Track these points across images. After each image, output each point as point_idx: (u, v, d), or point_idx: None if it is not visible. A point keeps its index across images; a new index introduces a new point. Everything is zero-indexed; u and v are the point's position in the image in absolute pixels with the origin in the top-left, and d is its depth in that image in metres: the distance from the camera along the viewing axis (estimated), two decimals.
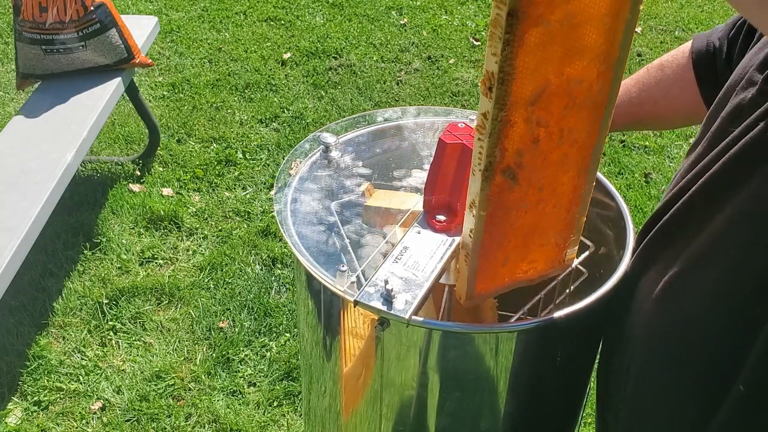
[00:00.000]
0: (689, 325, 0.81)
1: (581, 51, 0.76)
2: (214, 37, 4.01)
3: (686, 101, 1.03)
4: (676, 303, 0.83)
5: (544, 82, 0.76)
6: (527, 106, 0.76)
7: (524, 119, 0.76)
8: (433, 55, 3.88)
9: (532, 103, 0.76)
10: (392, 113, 1.32)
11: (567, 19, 0.73)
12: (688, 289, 0.82)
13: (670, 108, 1.11)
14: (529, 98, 0.76)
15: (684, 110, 1.02)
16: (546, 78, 0.76)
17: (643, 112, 1.14)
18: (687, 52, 1.09)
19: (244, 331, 2.33)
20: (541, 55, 0.73)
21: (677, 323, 0.83)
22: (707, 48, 1.05)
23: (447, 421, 1.02)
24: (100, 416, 2.10)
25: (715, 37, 1.05)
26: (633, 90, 1.15)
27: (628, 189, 3.01)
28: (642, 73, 1.16)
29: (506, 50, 0.71)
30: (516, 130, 0.77)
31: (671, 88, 1.10)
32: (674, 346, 0.83)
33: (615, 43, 0.78)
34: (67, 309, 2.39)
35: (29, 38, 2.53)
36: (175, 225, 2.74)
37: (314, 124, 3.32)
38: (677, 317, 0.83)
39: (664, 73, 1.11)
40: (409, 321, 0.85)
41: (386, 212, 1.11)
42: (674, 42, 4.05)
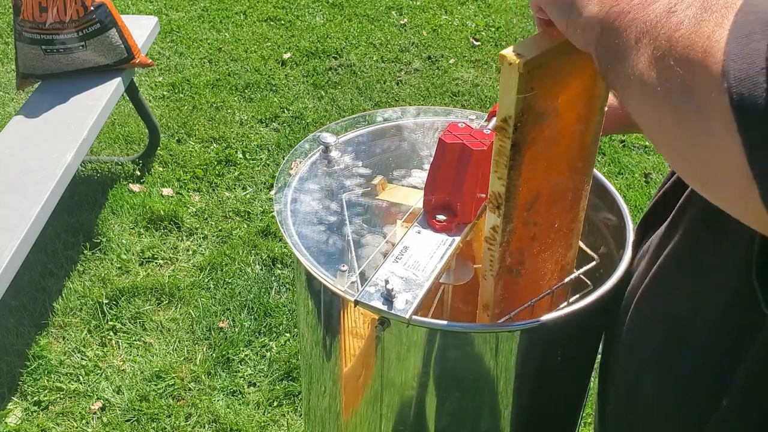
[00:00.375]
0: (680, 325, 0.81)
1: (560, 157, 0.89)
2: (214, 37, 4.01)
3: None
4: (665, 302, 0.83)
5: (536, 191, 0.88)
6: (524, 212, 0.89)
7: (523, 223, 0.89)
8: (433, 55, 3.88)
9: (528, 209, 0.89)
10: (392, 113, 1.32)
11: (551, 136, 0.84)
12: (674, 289, 0.82)
13: None
14: (525, 206, 0.88)
15: None
16: (537, 187, 0.88)
17: None
18: None
19: (244, 331, 2.33)
20: (532, 168, 0.84)
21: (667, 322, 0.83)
22: None
23: (447, 421, 1.02)
24: (100, 416, 2.10)
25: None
26: None
27: (628, 189, 3.01)
28: None
29: (511, 174, 0.82)
30: (517, 234, 0.89)
31: None
32: (669, 344, 0.83)
33: (586, 142, 0.91)
34: (67, 309, 2.39)
35: (29, 38, 2.53)
36: (175, 225, 2.74)
37: (314, 124, 3.32)
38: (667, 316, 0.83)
39: None
40: (410, 321, 0.85)
41: (395, 208, 1.12)
42: None
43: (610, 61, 0.57)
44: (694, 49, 0.44)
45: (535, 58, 0.73)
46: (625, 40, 0.53)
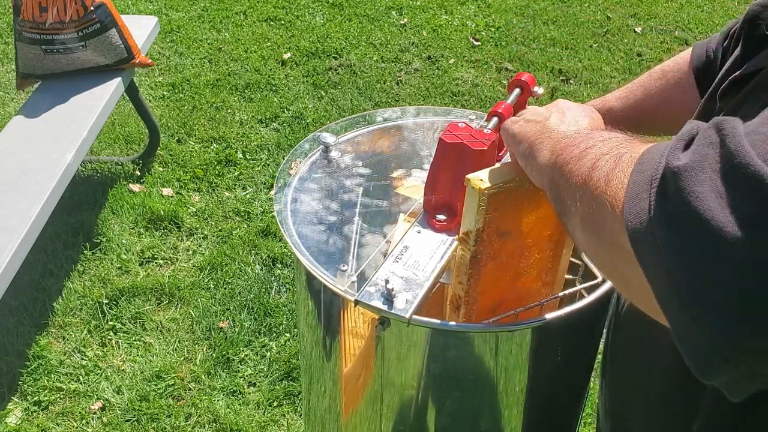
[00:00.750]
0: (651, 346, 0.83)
1: (530, 268, 0.94)
2: (214, 37, 4.01)
3: (686, 107, 1.06)
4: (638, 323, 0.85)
5: (500, 298, 0.95)
6: (490, 314, 0.95)
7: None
8: (433, 55, 3.88)
9: (493, 310, 0.95)
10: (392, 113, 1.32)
11: (517, 250, 0.91)
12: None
13: (670, 113, 1.13)
14: (488, 309, 0.94)
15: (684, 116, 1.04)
16: (501, 294, 0.94)
17: (645, 116, 1.17)
18: (688, 58, 1.11)
19: (244, 331, 2.33)
20: (496, 278, 0.91)
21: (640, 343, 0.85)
22: (706, 56, 1.08)
23: (447, 421, 1.02)
24: (100, 416, 2.10)
25: (712, 45, 1.07)
26: (636, 94, 1.18)
27: None
28: (645, 78, 1.18)
29: (470, 281, 0.89)
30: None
31: (673, 94, 1.13)
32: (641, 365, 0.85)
33: (558, 255, 0.97)
34: (67, 309, 2.39)
35: (29, 38, 2.53)
36: (175, 225, 2.74)
37: (314, 124, 3.32)
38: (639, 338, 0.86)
39: (666, 78, 1.14)
40: (410, 320, 0.85)
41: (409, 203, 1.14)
42: (674, 42, 4.05)
43: (557, 203, 0.71)
44: (606, 207, 0.58)
45: (496, 185, 0.84)
46: (566, 188, 0.66)
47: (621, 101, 1.20)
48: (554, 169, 0.70)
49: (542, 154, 0.75)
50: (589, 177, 0.62)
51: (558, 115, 0.83)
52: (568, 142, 0.71)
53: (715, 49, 1.07)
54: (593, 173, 0.61)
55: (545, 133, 0.78)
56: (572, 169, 0.66)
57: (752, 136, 0.50)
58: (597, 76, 3.75)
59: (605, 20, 4.28)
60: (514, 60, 3.87)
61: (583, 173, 0.63)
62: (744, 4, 4.44)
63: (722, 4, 4.43)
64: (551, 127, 0.79)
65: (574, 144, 0.69)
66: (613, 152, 0.62)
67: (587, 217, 0.62)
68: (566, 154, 0.69)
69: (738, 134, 0.50)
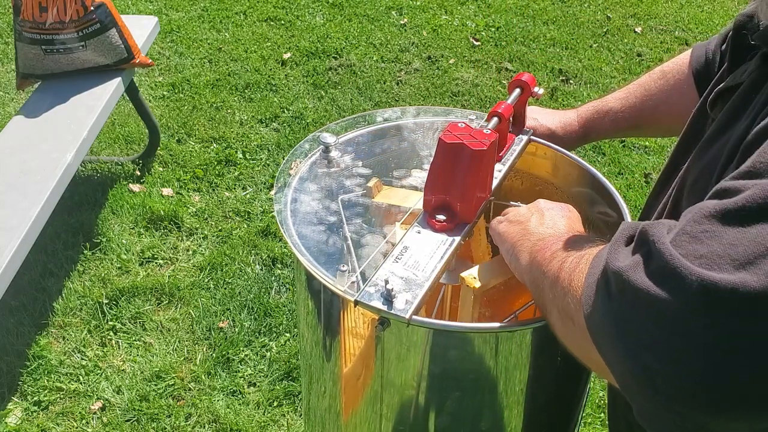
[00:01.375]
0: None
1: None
2: (214, 37, 4.01)
3: (685, 108, 1.06)
4: None
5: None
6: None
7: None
8: (433, 55, 3.88)
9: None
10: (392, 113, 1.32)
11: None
12: None
13: (669, 114, 1.14)
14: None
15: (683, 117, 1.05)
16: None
17: (644, 117, 1.18)
18: (687, 60, 1.12)
19: (244, 331, 2.33)
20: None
21: None
22: (705, 57, 1.08)
23: (447, 421, 1.02)
24: (100, 416, 2.10)
25: (711, 47, 1.08)
26: (636, 94, 1.18)
27: (628, 189, 3.01)
28: (645, 79, 1.19)
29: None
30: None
31: (672, 95, 1.13)
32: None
33: None
34: (67, 309, 2.39)
35: (29, 38, 2.53)
36: (175, 225, 2.74)
37: (314, 124, 3.32)
38: None
39: (666, 79, 1.15)
40: (410, 321, 0.85)
41: (393, 209, 1.12)
42: (674, 42, 4.05)
43: (538, 300, 0.80)
44: (572, 302, 0.67)
45: (488, 282, 0.96)
46: (543, 286, 0.76)
47: (621, 102, 1.20)
48: (532, 269, 0.80)
49: (522, 255, 0.84)
50: (558, 276, 0.72)
51: (537, 216, 0.91)
52: (543, 245, 0.80)
53: (713, 51, 1.07)
54: (560, 273, 0.71)
55: (525, 236, 0.87)
56: (545, 269, 0.76)
57: (678, 237, 0.57)
58: (597, 76, 3.75)
59: (605, 20, 4.28)
60: (514, 60, 3.87)
61: (553, 272, 0.73)
62: (744, 5, 4.44)
63: (722, 4, 4.43)
64: (530, 229, 0.88)
65: (547, 246, 0.79)
66: (576, 254, 0.72)
67: (561, 310, 0.71)
68: (540, 256, 0.79)
69: (662, 240, 0.57)
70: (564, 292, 0.69)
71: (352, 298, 0.88)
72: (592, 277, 0.63)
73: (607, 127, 1.22)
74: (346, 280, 0.96)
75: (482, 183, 0.99)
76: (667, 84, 1.15)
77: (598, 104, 1.23)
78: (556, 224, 0.88)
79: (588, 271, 0.65)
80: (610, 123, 1.21)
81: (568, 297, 0.68)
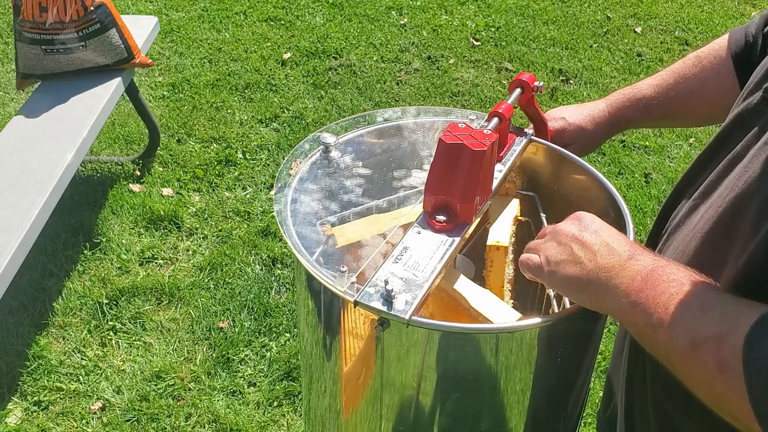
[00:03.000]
0: None
1: None
2: (214, 37, 4.01)
3: (722, 95, 1.02)
4: None
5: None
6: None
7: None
8: (433, 55, 3.88)
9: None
10: (392, 113, 1.31)
11: None
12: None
13: (705, 100, 1.10)
14: None
15: (719, 104, 1.00)
16: None
17: (678, 105, 1.13)
18: (725, 44, 1.07)
19: (244, 331, 2.33)
20: None
21: None
22: (745, 40, 1.04)
23: (447, 421, 1.02)
24: (100, 416, 2.10)
25: (751, 30, 1.04)
26: (670, 81, 1.14)
27: (628, 189, 3.01)
28: (678, 66, 1.15)
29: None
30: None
31: (709, 81, 1.09)
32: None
33: None
34: (67, 309, 2.39)
35: (29, 38, 2.53)
36: (175, 225, 2.74)
37: (314, 124, 3.32)
38: None
39: (702, 65, 1.10)
40: (409, 321, 0.85)
41: (360, 245, 1.10)
42: (674, 42, 4.05)
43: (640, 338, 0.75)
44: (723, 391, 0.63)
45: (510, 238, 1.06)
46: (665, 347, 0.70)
47: (654, 89, 1.15)
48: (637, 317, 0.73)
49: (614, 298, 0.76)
50: (691, 355, 0.65)
51: (579, 247, 0.83)
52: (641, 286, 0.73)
53: (755, 34, 1.03)
54: (696, 355, 0.64)
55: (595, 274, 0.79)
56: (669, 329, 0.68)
57: None
58: (597, 76, 3.75)
59: (605, 20, 4.28)
60: (514, 60, 3.87)
61: (680, 347, 0.67)
62: (743, 5, 4.44)
63: (722, 4, 4.43)
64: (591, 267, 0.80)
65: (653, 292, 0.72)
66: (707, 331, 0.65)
67: (692, 379, 0.66)
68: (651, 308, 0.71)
69: None
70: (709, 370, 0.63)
71: (352, 298, 0.88)
72: (760, 378, 0.58)
73: (639, 115, 1.17)
74: (346, 281, 0.96)
75: (482, 183, 0.98)
76: (704, 69, 1.10)
77: (630, 91, 1.18)
78: (611, 248, 0.81)
79: (749, 371, 0.59)
80: (642, 111, 1.16)
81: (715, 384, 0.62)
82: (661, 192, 2.97)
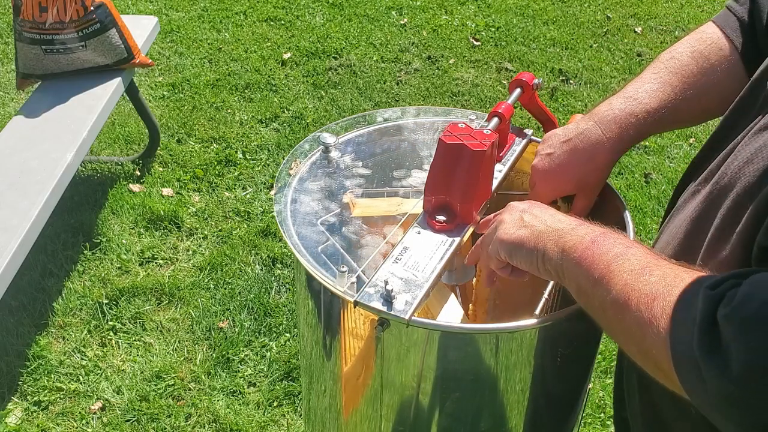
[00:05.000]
0: None
1: None
2: (214, 37, 4.01)
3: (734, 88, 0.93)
4: None
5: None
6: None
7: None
8: (433, 55, 3.88)
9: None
10: (392, 113, 1.31)
11: None
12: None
13: (719, 96, 0.98)
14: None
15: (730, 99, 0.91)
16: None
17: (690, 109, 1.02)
18: (717, 36, 1.01)
19: (244, 331, 2.33)
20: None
21: None
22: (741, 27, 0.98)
23: (447, 421, 1.02)
24: (100, 416, 2.10)
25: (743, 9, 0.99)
26: (675, 84, 1.01)
27: (628, 189, 3.01)
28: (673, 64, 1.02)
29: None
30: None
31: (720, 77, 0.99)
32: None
33: None
34: (67, 309, 2.39)
35: (29, 38, 2.53)
36: (175, 225, 2.74)
37: (314, 124, 3.32)
38: None
39: (709, 62, 1.00)
40: (409, 321, 0.85)
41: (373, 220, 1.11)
42: (674, 42, 4.04)
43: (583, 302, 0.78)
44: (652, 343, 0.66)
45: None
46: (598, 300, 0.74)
47: (659, 99, 1.01)
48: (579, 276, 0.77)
49: (553, 253, 0.80)
50: (626, 309, 0.69)
51: (530, 216, 0.87)
52: (581, 245, 0.77)
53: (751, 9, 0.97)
54: (631, 309, 0.68)
55: (542, 235, 0.83)
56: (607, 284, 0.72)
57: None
58: (597, 76, 3.75)
59: (605, 20, 4.28)
60: (514, 60, 3.87)
61: (616, 301, 0.70)
62: None
63: (722, 4, 4.42)
64: (542, 229, 0.84)
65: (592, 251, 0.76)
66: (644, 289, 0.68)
67: (635, 342, 0.69)
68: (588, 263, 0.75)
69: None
70: (640, 325, 0.67)
71: (351, 298, 0.88)
72: (684, 313, 0.63)
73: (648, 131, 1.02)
74: (346, 281, 0.96)
75: (482, 183, 0.99)
76: (711, 66, 0.99)
77: (629, 108, 1.01)
78: (559, 217, 0.85)
79: (676, 307, 0.64)
80: (652, 126, 1.01)
81: (648, 334, 0.66)
82: (661, 192, 2.97)
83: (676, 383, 0.63)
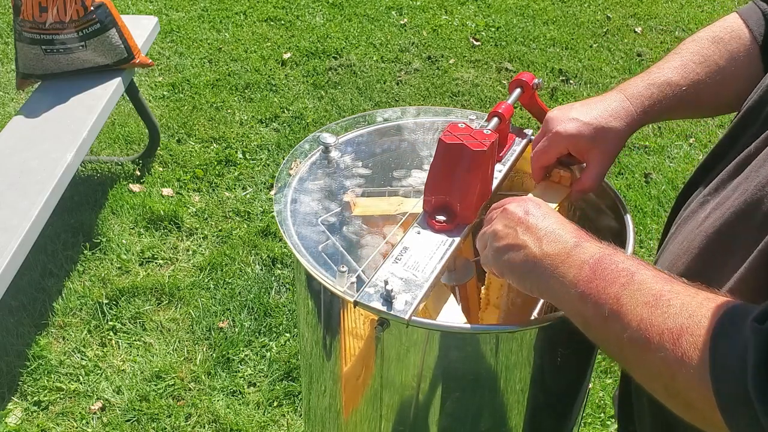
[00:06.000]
0: None
1: None
2: (214, 37, 4.01)
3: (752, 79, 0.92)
4: None
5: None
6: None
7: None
8: (433, 55, 3.88)
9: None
10: (392, 113, 1.31)
11: None
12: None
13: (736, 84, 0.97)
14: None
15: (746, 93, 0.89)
16: None
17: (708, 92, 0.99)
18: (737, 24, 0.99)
19: (244, 331, 2.33)
20: None
21: None
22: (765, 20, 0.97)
23: (447, 421, 1.02)
24: (100, 416, 2.10)
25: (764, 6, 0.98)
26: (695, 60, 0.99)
27: (628, 189, 3.01)
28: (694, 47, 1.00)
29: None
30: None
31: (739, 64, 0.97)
32: None
33: None
34: (67, 309, 2.39)
35: (29, 38, 2.53)
36: (175, 225, 2.74)
37: (314, 124, 3.32)
38: None
39: (728, 49, 0.98)
40: (409, 321, 0.85)
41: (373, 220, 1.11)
42: (674, 42, 4.05)
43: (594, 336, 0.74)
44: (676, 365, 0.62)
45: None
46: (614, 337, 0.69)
47: (681, 74, 0.98)
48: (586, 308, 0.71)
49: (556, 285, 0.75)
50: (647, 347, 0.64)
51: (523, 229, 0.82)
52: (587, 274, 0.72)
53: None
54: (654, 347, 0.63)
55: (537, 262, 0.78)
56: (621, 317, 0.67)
57: None
58: (597, 76, 3.75)
59: (605, 20, 4.28)
60: (514, 60, 3.87)
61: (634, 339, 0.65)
62: (743, 4, 4.44)
63: (722, 4, 4.43)
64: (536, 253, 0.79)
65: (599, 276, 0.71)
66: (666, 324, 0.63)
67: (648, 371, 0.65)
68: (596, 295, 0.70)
69: None
70: (668, 364, 0.62)
71: (351, 298, 0.88)
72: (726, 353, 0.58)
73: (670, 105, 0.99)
74: (346, 281, 0.96)
75: (482, 183, 0.98)
76: (730, 52, 0.97)
77: (649, 77, 0.99)
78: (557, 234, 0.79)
79: (715, 345, 0.59)
80: (674, 100, 0.98)
81: (679, 374, 0.61)
82: (661, 192, 2.97)
83: (716, 423, 0.59)
